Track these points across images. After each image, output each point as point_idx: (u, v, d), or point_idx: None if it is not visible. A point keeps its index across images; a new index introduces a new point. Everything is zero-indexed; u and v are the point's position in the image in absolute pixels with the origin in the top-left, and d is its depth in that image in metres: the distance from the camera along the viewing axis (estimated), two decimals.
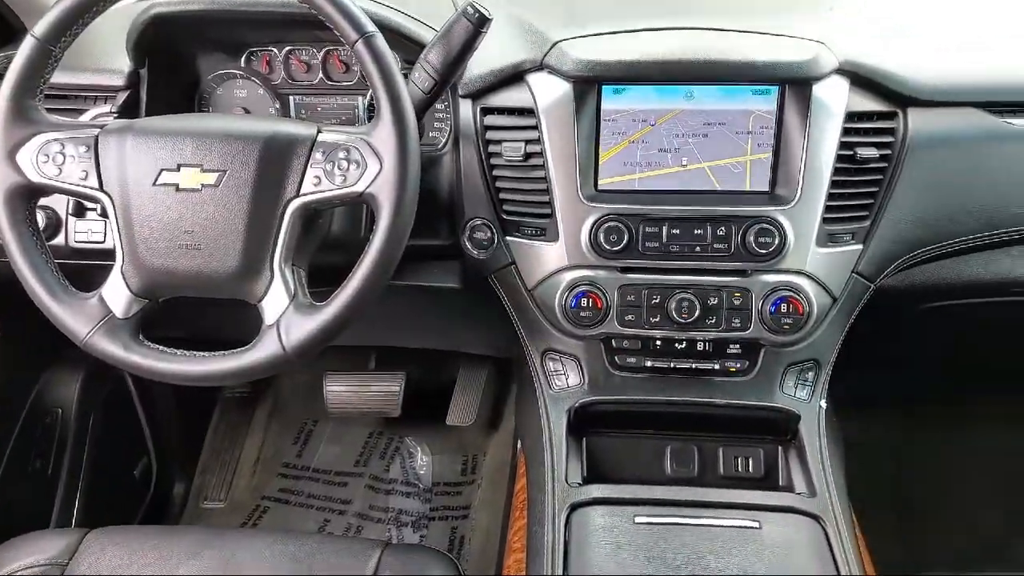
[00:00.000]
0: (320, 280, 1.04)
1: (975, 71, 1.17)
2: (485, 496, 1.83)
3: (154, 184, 0.95)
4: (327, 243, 1.10)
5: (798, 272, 1.11)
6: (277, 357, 0.94)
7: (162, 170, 0.95)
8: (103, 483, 1.62)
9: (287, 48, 1.27)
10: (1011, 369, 1.79)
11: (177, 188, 0.95)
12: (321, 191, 0.95)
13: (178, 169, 0.95)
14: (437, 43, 1.03)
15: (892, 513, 1.91)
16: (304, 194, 0.96)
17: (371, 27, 0.94)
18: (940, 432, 1.98)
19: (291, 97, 1.30)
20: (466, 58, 1.04)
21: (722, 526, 0.99)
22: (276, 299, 0.96)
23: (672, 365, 1.16)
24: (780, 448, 1.16)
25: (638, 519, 1.00)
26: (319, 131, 0.97)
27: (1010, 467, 1.94)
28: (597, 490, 1.05)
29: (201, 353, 0.97)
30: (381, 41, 0.94)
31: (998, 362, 1.72)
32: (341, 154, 0.95)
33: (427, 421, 1.97)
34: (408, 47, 1.14)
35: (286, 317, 0.95)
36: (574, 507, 1.03)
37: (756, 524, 0.99)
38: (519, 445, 1.28)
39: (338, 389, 1.86)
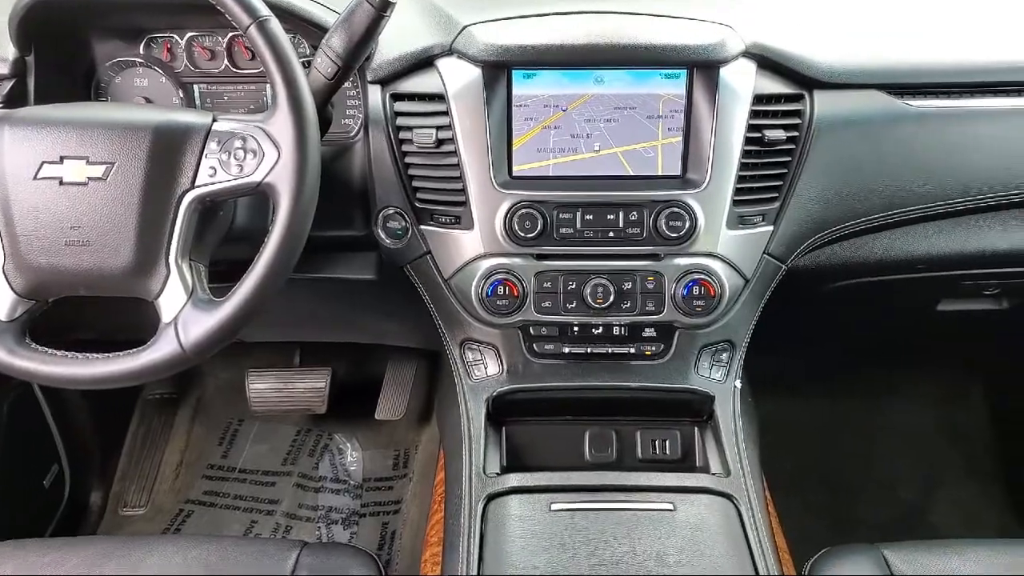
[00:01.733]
0: (229, 275, 1.00)
1: (878, 53, 1.19)
2: (416, 490, 1.81)
3: (35, 178, 0.90)
4: (232, 236, 1.07)
5: (710, 255, 1.12)
6: (175, 356, 0.91)
7: (43, 163, 0.90)
8: (7, 495, 1.55)
9: (189, 34, 1.22)
10: (919, 345, 1.85)
11: (61, 182, 0.90)
12: (217, 182, 0.92)
13: (61, 161, 0.90)
14: (339, 27, 1.00)
15: (820, 486, 1.96)
16: (199, 185, 0.92)
17: (264, 11, 0.91)
18: (859, 407, 2.04)
19: (195, 86, 1.25)
20: (370, 43, 1.02)
21: (637, 509, 0.99)
22: (173, 296, 0.92)
23: (589, 350, 1.16)
24: (697, 429, 1.17)
25: (554, 506, 0.99)
26: (214, 119, 0.94)
27: (923, 440, 2.02)
28: (514, 479, 1.04)
29: (94, 355, 0.93)
30: (275, 25, 0.91)
31: (907, 338, 1.78)
32: (237, 143, 0.92)
33: (357, 416, 1.94)
34: (312, 32, 1.11)
35: (184, 314, 0.91)
36: (490, 498, 1.02)
37: (671, 506, 1.00)
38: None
39: (261, 387, 1.81)
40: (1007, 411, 2.04)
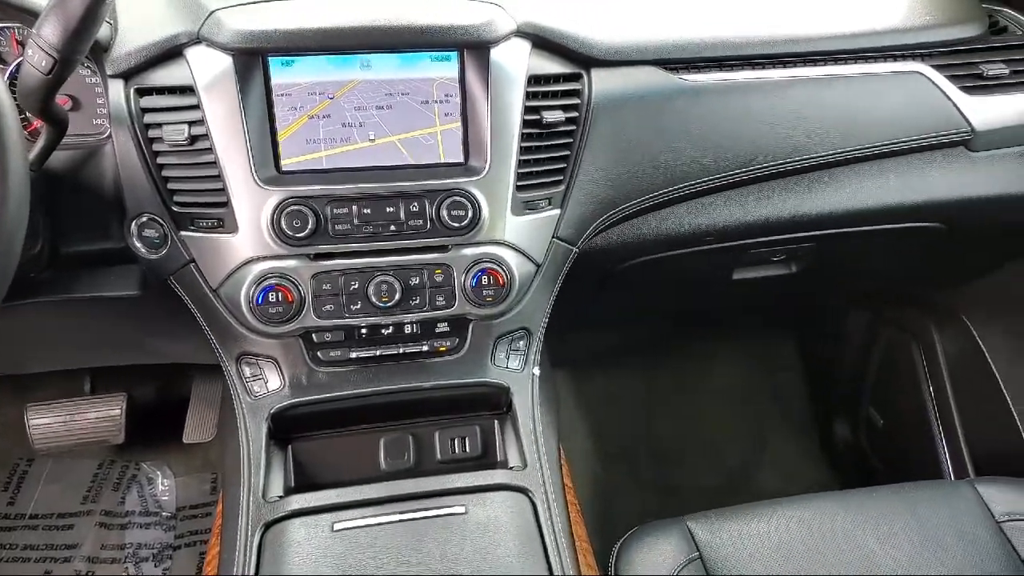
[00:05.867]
0: None
1: (653, 29, 1.19)
2: None
3: None
4: None
5: (497, 243, 1.08)
6: None
7: None
8: None
9: None
10: (732, 312, 1.92)
11: None
12: None
13: None
14: (50, 13, 0.87)
15: (649, 459, 2.01)
16: None
17: None
18: (683, 377, 2.11)
19: None
20: (90, 32, 0.89)
21: (427, 517, 0.94)
22: None
23: (379, 353, 1.09)
24: (496, 422, 1.14)
25: (337, 526, 0.92)
26: None
27: (745, 403, 2.11)
28: (296, 502, 0.96)
29: None
30: None
31: (716, 306, 1.84)
32: None
33: (165, 442, 1.79)
34: (28, 19, 0.97)
35: None
36: (268, 525, 0.94)
37: (463, 509, 0.95)
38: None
39: (45, 421, 1.62)
40: (817, 369, 2.16)
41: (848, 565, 1.08)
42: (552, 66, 1.10)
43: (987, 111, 1.29)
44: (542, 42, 1.09)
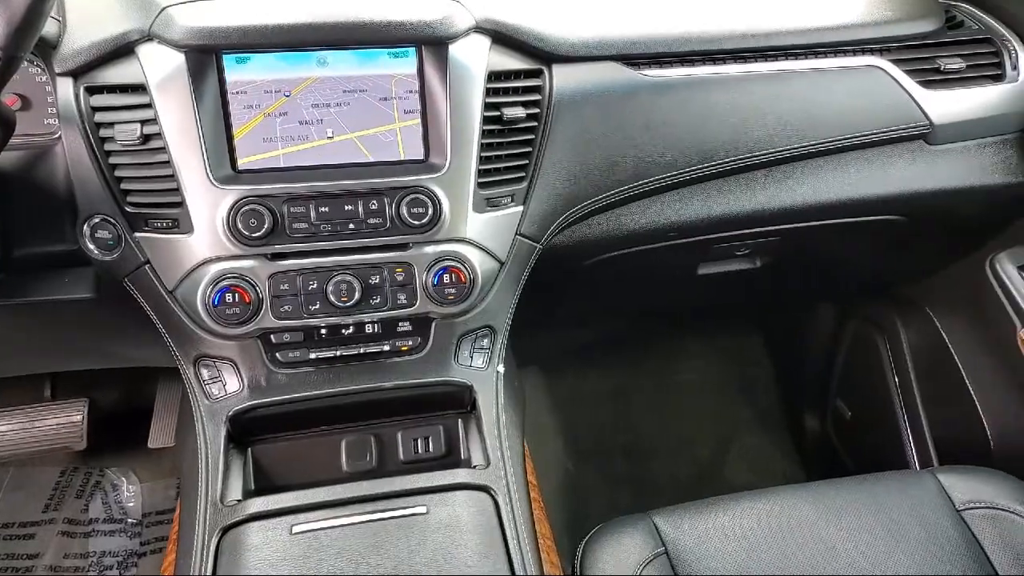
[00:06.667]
0: None
1: (614, 25, 1.19)
2: None
3: None
4: None
5: (459, 240, 1.08)
6: None
7: None
8: None
9: None
10: (699, 306, 1.93)
11: None
12: None
13: None
14: None
15: (621, 455, 2.01)
16: None
17: None
18: (654, 372, 2.11)
19: None
20: (34, 27, 0.87)
21: (387, 518, 0.93)
22: None
23: (339, 353, 1.08)
24: (460, 421, 1.13)
25: (296, 528, 0.91)
26: None
27: (716, 397, 2.12)
28: (254, 505, 0.95)
29: None
30: None
31: (682, 301, 1.84)
32: None
33: (130, 447, 1.76)
34: None
35: None
36: (226, 529, 0.92)
37: (424, 509, 0.94)
38: None
39: (2, 429, 1.59)
40: (785, 363, 2.18)
41: (811, 557, 1.09)
42: (512, 62, 1.09)
43: (944, 105, 1.30)
44: (502, 38, 1.08)
